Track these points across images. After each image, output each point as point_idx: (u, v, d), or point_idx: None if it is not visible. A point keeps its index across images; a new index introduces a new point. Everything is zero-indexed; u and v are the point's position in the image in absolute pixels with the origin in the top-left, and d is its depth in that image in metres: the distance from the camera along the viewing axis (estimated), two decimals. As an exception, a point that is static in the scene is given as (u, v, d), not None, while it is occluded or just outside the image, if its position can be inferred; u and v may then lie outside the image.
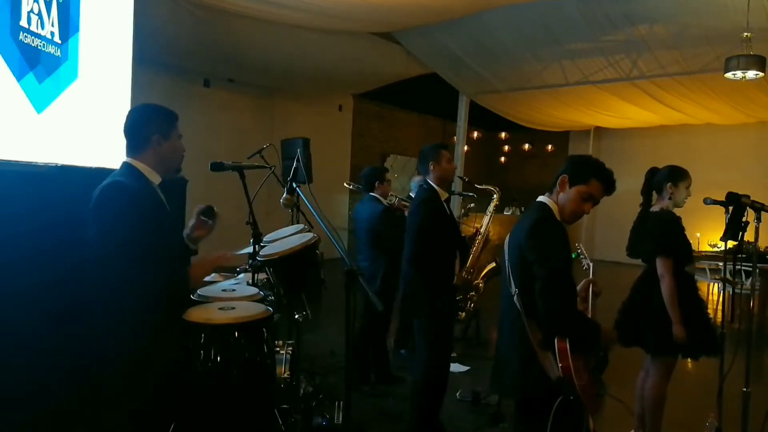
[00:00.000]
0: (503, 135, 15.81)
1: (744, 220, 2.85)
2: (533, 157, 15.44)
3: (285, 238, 3.04)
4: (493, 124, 14.07)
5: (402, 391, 4.12)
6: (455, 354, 5.00)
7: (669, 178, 3.20)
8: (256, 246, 2.58)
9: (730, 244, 3.08)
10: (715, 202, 2.99)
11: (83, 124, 3.19)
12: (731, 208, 2.89)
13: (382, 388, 4.29)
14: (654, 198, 3.30)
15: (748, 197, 2.85)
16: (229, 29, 6.73)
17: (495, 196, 3.97)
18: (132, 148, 2.19)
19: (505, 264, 2.26)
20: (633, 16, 6.90)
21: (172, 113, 2.25)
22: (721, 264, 7.23)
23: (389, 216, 4.32)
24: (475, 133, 14.45)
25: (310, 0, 6.06)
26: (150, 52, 5.85)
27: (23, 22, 2.70)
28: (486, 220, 3.82)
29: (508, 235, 2.33)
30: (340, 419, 3.36)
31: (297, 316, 3.08)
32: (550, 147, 15.00)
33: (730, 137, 11.84)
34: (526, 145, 15.50)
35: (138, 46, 3.71)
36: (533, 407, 2.17)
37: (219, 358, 2.36)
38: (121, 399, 2.11)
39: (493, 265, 4.31)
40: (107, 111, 3.40)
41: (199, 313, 2.46)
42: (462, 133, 10.85)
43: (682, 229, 3.16)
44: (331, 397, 3.69)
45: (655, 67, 8.20)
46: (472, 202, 5.20)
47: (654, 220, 3.18)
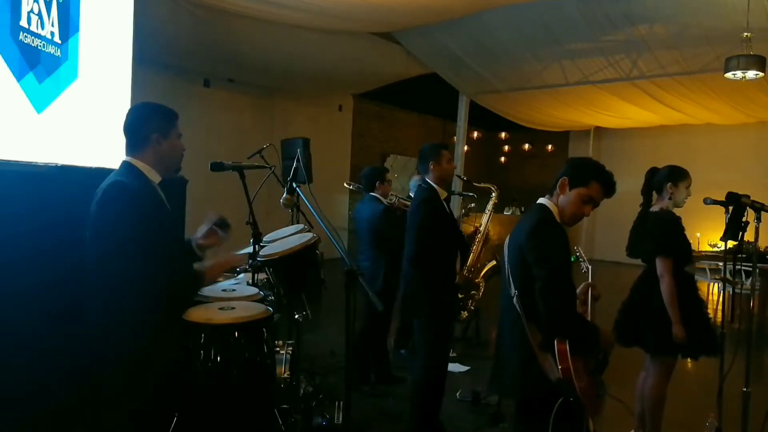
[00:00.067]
0: (503, 135, 15.82)
1: (744, 220, 2.85)
2: (533, 157, 15.44)
3: (285, 238, 3.04)
4: (493, 124, 14.07)
5: (402, 391, 4.12)
6: (455, 354, 5.02)
7: (669, 178, 3.20)
8: (256, 246, 2.58)
9: (730, 244, 3.08)
10: (715, 202, 2.99)
11: (83, 124, 3.19)
12: (731, 208, 2.90)
13: (382, 388, 4.29)
14: (654, 198, 3.30)
15: (748, 197, 2.85)
16: (229, 29, 6.73)
17: (493, 195, 3.98)
18: (131, 146, 2.18)
19: (505, 265, 2.26)
20: (633, 16, 6.90)
21: (172, 112, 2.24)
22: (721, 264, 7.24)
23: (390, 215, 4.32)
24: (475, 133, 14.45)
25: (310, 0, 6.06)
26: (150, 52, 5.86)
27: (23, 22, 2.70)
28: (485, 219, 3.82)
29: (508, 236, 2.33)
30: (340, 419, 3.36)
31: (297, 316, 3.08)
32: (550, 147, 15.00)
33: (730, 137, 11.84)
34: (526, 145, 15.51)
35: (138, 46, 3.71)
36: (533, 407, 2.17)
37: (219, 358, 2.37)
38: (121, 399, 2.11)
39: (493, 263, 4.31)
40: (107, 111, 3.40)
41: (199, 313, 2.46)
42: (462, 133, 10.85)
43: (682, 229, 3.16)
44: (331, 397, 3.69)
45: (655, 67, 8.19)
46: (472, 201, 5.20)
47: (654, 220, 3.18)
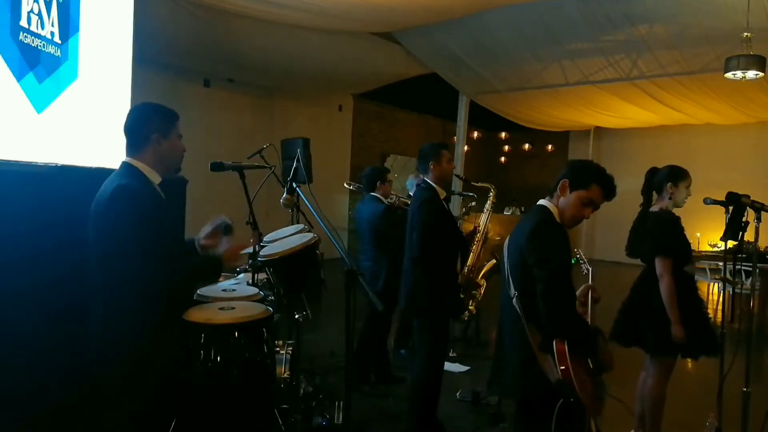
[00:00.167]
0: (503, 135, 15.81)
1: (744, 220, 2.85)
2: (533, 157, 15.44)
3: (285, 238, 3.04)
4: (493, 124, 14.07)
5: (402, 391, 4.11)
6: (455, 354, 5.02)
7: (669, 178, 3.20)
8: (256, 246, 2.58)
9: (730, 244, 3.08)
10: (715, 202, 2.99)
11: (83, 124, 3.19)
12: (731, 208, 2.90)
13: (382, 388, 4.29)
14: (654, 198, 3.30)
15: (748, 197, 2.85)
16: (229, 29, 6.73)
17: (491, 194, 3.99)
18: (131, 147, 2.18)
19: (505, 266, 2.26)
20: (633, 16, 6.90)
21: (172, 112, 2.23)
22: (721, 264, 7.23)
23: (391, 215, 4.32)
24: (475, 133, 14.45)
25: (310, 0, 6.06)
26: (150, 52, 5.86)
27: (23, 22, 2.70)
28: (483, 218, 3.83)
29: (508, 237, 2.33)
30: (340, 419, 3.36)
31: (297, 316, 3.08)
32: (550, 147, 15.00)
33: (730, 137, 11.84)
34: (526, 145, 15.50)
35: (138, 46, 3.71)
36: (533, 408, 2.17)
37: (219, 358, 2.37)
38: (122, 399, 2.11)
39: (493, 263, 4.31)
40: (107, 111, 3.40)
41: (199, 313, 2.46)
42: (462, 133, 10.85)
43: (681, 229, 3.15)
44: (331, 397, 3.69)
45: (655, 67, 8.19)
46: (472, 201, 5.20)
47: (654, 220, 3.18)
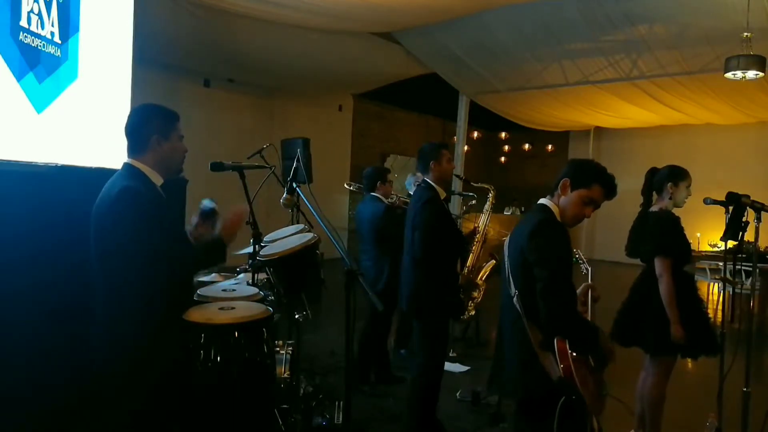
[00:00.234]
0: (503, 135, 15.81)
1: (744, 220, 2.85)
2: (533, 157, 15.43)
3: (285, 238, 3.04)
4: (493, 124, 14.07)
5: (402, 391, 4.11)
6: (455, 354, 5.02)
7: (669, 177, 3.20)
8: (256, 246, 2.58)
9: (730, 244, 3.08)
10: (715, 202, 2.99)
11: (83, 124, 3.19)
12: (731, 208, 2.89)
13: (382, 388, 4.29)
14: (654, 198, 3.30)
15: (748, 197, 2.85)
16: (229, 29, 6.73)
17: (490, 195, 4.00)
18: (132, 148, 2.17)
19: (505, 265, 2.26)
20: (633, 16, 6.90)
21: (173, 113, 2.23)
22: (721, 264, 7.23)
23: (392, 214, 4.32)
24: (475, 133, 14.45)
25: (310, 0, 6.06)
26: (150, 52, 5.86)
27: (23, 22, 2.70)
28: (483, 219, 3.83)
29: (508, 236, 2.33)
30: (340, 419, 3.36)
31: (297, 316, 3.08)
32: (550, 147, 15.00)
33: (730, 137, 11.85)
34: (526, 145, 15.50)
35: (138, 46, 3.71)
36: (534, 407, 2.17)
37: (219, 358, 2.36)
38: (122, 399, 2.11)
39: (492, 264, 4.32)
40: (107, 111, 3.40)
41: (199, 313, 2.46)
42: (462, 133, 10.85)
43: (681, 229, 3.15)
44: (331, 397, 3.69)
45: (655, 67, 8.20)
46: (472, 200, 5.21)
47: (654, 220, 3.18)
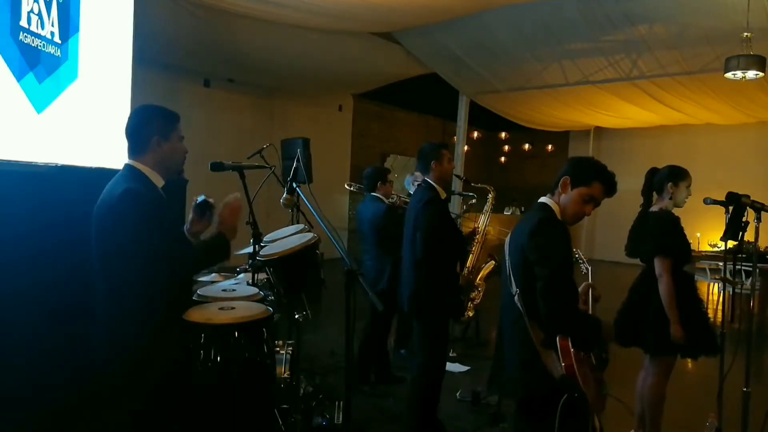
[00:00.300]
0: (503, 135, 15.82)
1: (744, 220, 2.85)
2: (533, 157, 15.43)
3: (285, 238, 3.04)
4: (493, 124, 14.08)
5: (402, 391, 4.11)
6: (455, 354, 5.02)
7: (669, 177, 3.20)
8: (256, 246, 2.58)
9: (730, 244, 3.08)
10: (715, 202, 2.99)
11: (83, 124, 3.19)
12: (731, 208, 2.89)
13: (382, 388, 4.29)
14: (654, 198, 3.30)
15: (748, 197, 2.85)
16: (229, 29, 6.73)
17: (490, 196, 4.02)
18: (133, 149, 2.17)
19: (506, 264, 2.26)
20: (633, 16, 6.90)
21: (173, 114, 2.22)
22: (721, 264, 7.23)
23: (393, 214, 4.32)
24: (475, 133, 14.45)
25: (310, 0, 6.06)
26: (150, 52, 5.86)
27: (23, 22, 2.70)
28: (483, 219, 3.84)
29: (508, 236, 2.33)
30: (340, 419, 3.36)
31: (297, 316, 3.08)
32: (550, 147, 15.00)
33: (730, 137, 11.85)
34: (526, 145, 15.51)
35: (138, 46, 3.71)
36: (534, 407, 2.17)
37: (219, 358, 2.36)
38: (122, 399, 2.11)
39: (492, 265, 4.32)
40: (107, 111, 3.40)
41: (199, 313, 2.46)
42: (462, 133, 10.85)
43: (681, 229, 3.15)
44: (331, 397, 3.69)
45: (655, 67, 8.20)
46: (472, 200, 5.21)
47: (654, 220, 3.18)
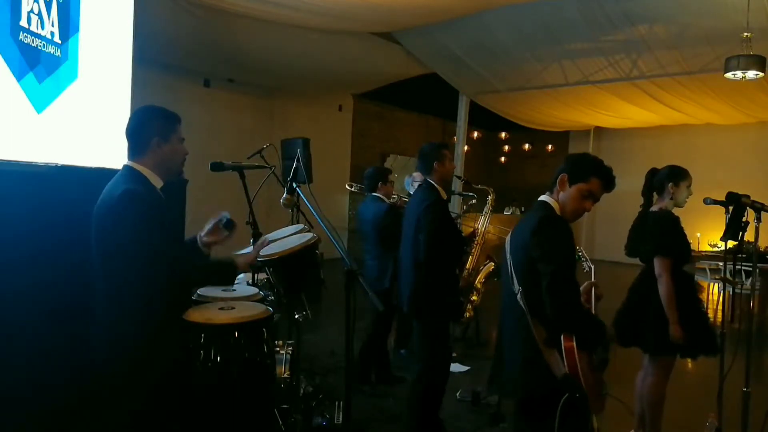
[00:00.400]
0: (503, 135, 15.82)
1: (744, 220, 2.85)
2: (533, 157, 15.43)
3: (285, 238, 3.04)
4: (493, 124, 14.08)
5: (402, 391, 4.11)
6: (455, 354, 5.01)
7: (670, 177, 3.20)
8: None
9: (730, 244, 3.08)
10: (715, 202, 2.99)
11: (83, 124, 3.19)
12: (731, 208, 2.90)
13: (382, 388, 4.29)
14: (654, 198, 3.30)
15: (748, 197, 2.85)
16: (229, 29, 6.73)
17: (490, 197, 4.02)
18: (133, 150, 2.17)
19: (508, 263, 2.25)
20: (633, 16, 6.90)
21: (173, 115, 2.21)
22: (721, 264, 7.23)
23: (395, 214, 4.32)
24: (475, 133, 14.45)
25: (310, 0, 6.06)
26: (150, 52, 5.85)
27: (23, 22, 2.70)
28: (482, 221, 3.85)
29: (509, 235, 2.33)
30: (340, 419, 3.36)
31: (297, 316, 3.08)
32: (550, 147, 15.00)
33: (730, 137, 11.85)
34: (526, 145, 15.51)
35: (138, 46, 3.71)
36: (534, 407, 2.17)
37: (219, 358, 2.36)
38: (122, 399, 2.11)
39: (491, 266, 4.32)
40: (107, 111, 3.40)
41: (199, 313, 2.46)
42: (462, 133, 10.85)
43: (681, 229, 3.16)
44: (331, 397, 3.69)
45: (655, 67, 8.19)
46: (472, 200, 5.21)
47: (654, 220, 3.18)
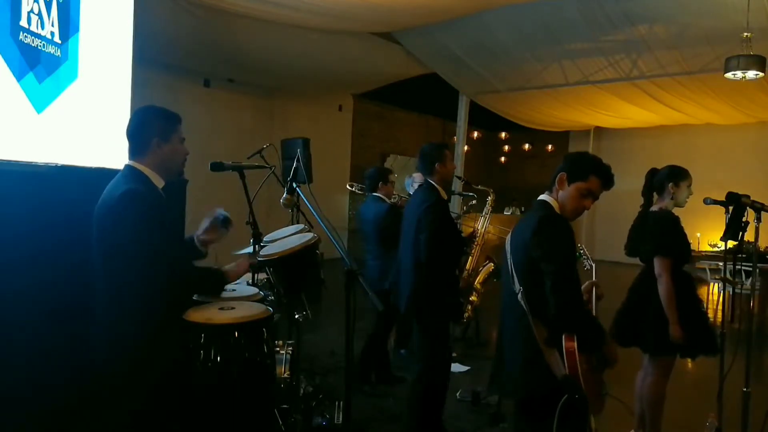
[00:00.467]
0: (503, 135, 15.82)
1: (744, 220, 2.85)
2: (533, 157, 15.44)
3: (285, 238, 3.04)
4: (493, 124, 14.08)
5: (402, 391, 4.11)
6: (455, 354, 5.01)
7: (670, 177, 3.19)
8: (256, 246, 2.58)
9: (730, 244, 3.08)
10: (715, 202, 2.99)
11: (83, 124, 3.19)
12: (731, 208, 2.90)
13: (382, 388, 4.29)
14: (654, 198, 3.30)
15: (748, 197, 2.85)
16: (229, 29, 6.73)
17: (489, 198, 4.03)
18: (133, 150, 2.17)
19: (508, 263, 2.25)
20: (633, 16, 6.91)
21: (174, 116, 2.21)
22: (721, 264, 7.24)
23: (396, 213, 4.32)
24: (475, 133, 14.45)
25: (310, 0, 6.06)
26: (150, 52, 5.85)
27: (23, 22, 2.70)
28: (482, 222, 3.85)
29: (509, 235, 2.33)
30: (340, 419, 3.36)
31: (297, 316, 3.08)
32: (550, 147, 15.00)
33: (730, 137, 11.85)
34: (526, 145, 15.51)
35: (138, 46, 3.71)
36: (534, 407, 2.17)
37: (219, 358, 2.36)
38: (122, 399, 2.11)
39: (491, 267, 4.32)
40: (107, 111, 3.40)
41: (199, 313, 2.46)
42: (462, 133, 10.85)
43: (681, 229, 3.16)
44: (331, 397, 3.69)
45: (655, 67, 8.20)
46: (473, 200, 5.21)
47: (654, 220, 3.18)
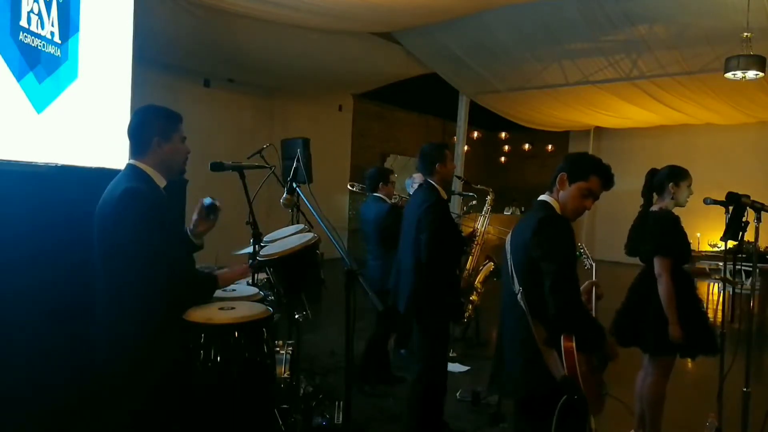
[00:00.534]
0: (503, 135, 15.82)
1: (744, 220, 2.85)
2: (533, 157, 15.44)
3: (285, 238, 3.04)
4: (493, 124, 14.08)
5: (402, 391, 4.11)
6: (455, 354, 5.02)
7: (670, 177, 3.19)
8: (256, 246, 2.58)
9: (730, 244, 3.08)
10: (715, 202, 2.99)
11: (83, 124, 3.19)
12: (731, 208, 2.90)
13: (383, 388, 4.29)
14: (654, 198, 3.30)
15: (748, 197, 2.85)
16: (229, 29, 6.73)
17: (489, 197, 4.04)
18: (135, 150, 2.17)
19: (508, 263, 2.25)
20: (633, 16, 6.91)
21: (175, 115, 2.22)
22: (721, 264, 7.24)
23: (396, 213, 4.32)
24: (475, 133, 14.46)
25: (310, 0, 6.06)
26: (150, 52, 5.85)
27: (23, 22, 2.70)
28: (482, 222, 3.85)
29: (509, 235, 2.33)
30: (340, 419, 3.36)
31: (297, 316, 3.08)
32: (550, 147, 15.00)
33: (730, 137, 11.85)
34: (526, 145, 15.52)
35: (138, 46, 3.71)
36: (534, 407, 2.17)
37: (219, 358, 2.36)
38: (122, 399, 2.11)
39: (491, 266, 4.32)
40: (107, 111, 3.40)
41: (199, 313, 2.46)
42: (462, 133, 10.85)
43: (681, 229, 3.16)
44: (331, 397, 3.69)
45: (655, 67, 8.20)
46: (473, 200, 5.21)
47: (654, 220, 3.18)
